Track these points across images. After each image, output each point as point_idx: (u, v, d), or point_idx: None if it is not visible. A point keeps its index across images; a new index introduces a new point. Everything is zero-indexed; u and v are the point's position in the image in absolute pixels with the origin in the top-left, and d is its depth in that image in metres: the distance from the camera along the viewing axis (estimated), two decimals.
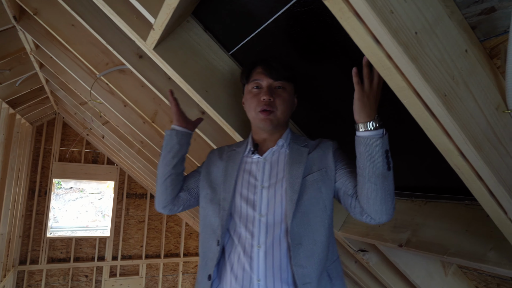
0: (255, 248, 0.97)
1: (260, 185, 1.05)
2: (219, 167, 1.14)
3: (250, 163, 1.11)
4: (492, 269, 0.99)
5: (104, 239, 5.46)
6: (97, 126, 3.75)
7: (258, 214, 1.00)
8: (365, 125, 0.88)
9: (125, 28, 1.20)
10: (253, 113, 1.11)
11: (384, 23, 0.55)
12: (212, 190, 1.11)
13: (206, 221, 1.09)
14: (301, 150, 1.08)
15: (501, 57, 0.71)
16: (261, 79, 1.11)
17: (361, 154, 0.90)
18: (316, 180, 1.02)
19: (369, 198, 0.91)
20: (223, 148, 1.23)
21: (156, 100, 2.12)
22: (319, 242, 0.98)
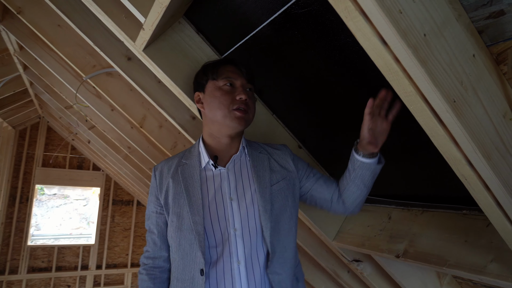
0: (235, 264, 0.94)
1: (229, 198, 0.99)
2: (176, 188, 1.01)
3: (211, 177, 1.02)
4: (494, 281, 0.96)
5: (88, 247, 5.31)
6: (83, 131, 3.65)
7: (233, 229, 0.96)
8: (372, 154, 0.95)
9: (114, 28, 1.15)
10: (225, 111, 1.00)
11: (393, 23, 0.51)
12: (177, 217, 0.99)
13: (180, 251, 0.98)
14: (261, 157, 1.08)
15: (508, 63, 0.68)
16: (234, 77, 1.04)
17: (364, 175, 0.99)
18: (282, 189, 1.04)
19: (361, 202, 1.08)
20: (168, 164, 1.08)
21: (145, 104, 2.06)
22: (289, 249, 1.01)
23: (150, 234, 1.06)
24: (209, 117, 1.06)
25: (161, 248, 1.04)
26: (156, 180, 1.07)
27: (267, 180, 1.03)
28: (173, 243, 1.00)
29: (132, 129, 2.52)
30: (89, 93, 2.33)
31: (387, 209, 1.40)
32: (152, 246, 1.05)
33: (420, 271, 1.53)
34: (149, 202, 1.08)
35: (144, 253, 1.08)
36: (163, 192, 1.04)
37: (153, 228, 1.05)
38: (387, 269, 1.44)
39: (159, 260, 1.05)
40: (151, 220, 1.06)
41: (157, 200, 1.05)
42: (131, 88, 2.02)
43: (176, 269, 0.99)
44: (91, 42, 1.50)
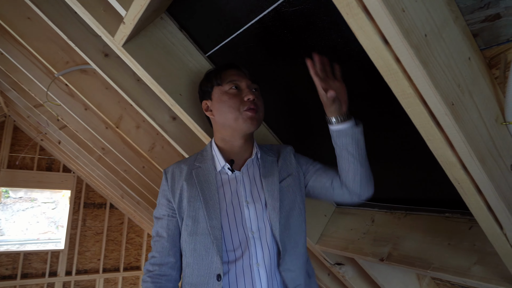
0: (254, 267, 0.93)
1: (245, 201, 0.99)
2: (190, 191, 1.00)
3: (227, 181, 1.02)
4: (478, 284, 0.97)
5: (57, 253, 5.06)
6: (53, 131, 3.48)
7: (250, 232, 0.96)
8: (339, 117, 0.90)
9: (91, 22, 1.08)
10: (235, 114, 1.00)
11: (396, 21, 0.49)
12: (192, 220, 0.97)
13: (195, 256, 0.96)
14: (270, 159, 1.09)
15: (500, 68, 0.68)
16: (239, 79, 1.04)
17: (347, 144, 0.92)
18: (290, 185, 1.05)
19: (362, 179, 0.98)
20: (181, 168, 1.06)
21: (122, 104, 1.98)
22: (300, 245, 1.02)
23: (158, 238, 1.02)
24: (220, 123, 1.06)
25: (169, 253, 1.01)
26: (168, 182, 1.05)
27: (275, 178, 1.03)
28: (187, 248, 0.98)
29: (107, 130, 2.42)
30: (61, 91, 2.21)
31: (371, 212, 1.40)
32: (160, 251, 1.01)
33: (401, 273, 1.54)
34: (159, 205, 1.05)
35: (150, 259, 1.02)
36: (176, 195, 1.01)
37: (163, 231, 1.01)
38: (370, 272, 1.44)
39: (165, 267, 1.00)
40: (160, 223, 1.03)
41: (169, 203, 1.02)
42: (107, 87, 1.93)
43: (190, 274, 0.97)
44: (65, 36, 1.41)
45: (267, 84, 1.19)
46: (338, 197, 1.05)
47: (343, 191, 1.02)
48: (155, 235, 1.03)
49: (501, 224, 0.72)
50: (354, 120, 0.91)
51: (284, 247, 0.96)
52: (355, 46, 0.84)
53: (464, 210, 1.11)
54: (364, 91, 0.95)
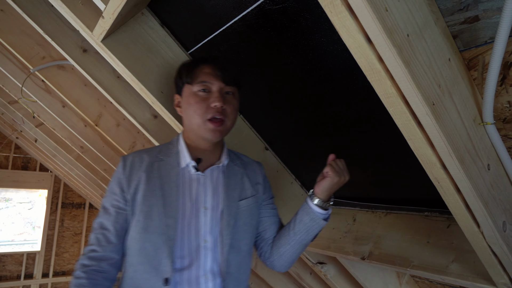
0: (201, 279, 0.88)
1: (203, 206, 0.92)
2: (149, 184, 0.91)
3: (189, 180, 0.94)
4: (455, 281, 0.99)
5: (33, 254, 4.91)
6: (29, 129, 3.37)
7: (203, 241, 0.90)
8: (322, 203, 0.93)
9: (68, 16, 1.04)
10: (199, 121, 0.94)
11: (379, 20, 0.49)
12: (145, 217, 0.88)
13: (142, 255, 0.87)
14: (236, 170, 1.03)
15: (478, 69, 0.70)
16: (210, 81, 0.95)
17: (301, 221, 0.95)
18: (249, 206, 1.00)
19: (283, 256, 1.00)
20: (142, 157, 0.97)
21: (101, 101, 1.93)
22: (244, 270, 0.96)
23: (102, 231, 0.90)
24: (185, 123, 1.00)
25: (113, 249, 0.90)
26: (126, 170, 0.94)
27: (236, 194, 0.98)
28: (134, 246, 0.89)
29: (86, 128, 2.35)
30: (38, 87, 2.14)
31: (352, 211, 1.42)
32: (103, 246, 0.89)
33: (382, 271, 1.57)
34: (110, 194, 0.93)
35: (87, 253, 0.89)
36: (132, 186, 0.91)
37: (109, 225, 0.90)
38: (351, 271, 1.46)
39: (106, 263, 0.89)
40: (108, 215, 0.91)
41: (122, 193, 0.92)
42: (86, 83, 1.88)
43: (132, 276, 0.87)
44: (41, 30, 1.36)
45: (250, 83, 1.18)
46: (262, 251, 1.05)
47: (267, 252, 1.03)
48: (98, 227, 0.91)
49: (478, 222, 0.74)
50: (327, 215, 0.95)
51: (228, 270, 0.91)
52: (339, 45, 0.84)
53: (442, 209, 1.14)
54: (346, 91, 0.95)
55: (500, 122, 0.74)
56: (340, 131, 1.12)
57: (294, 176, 1.49)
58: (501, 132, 0.75)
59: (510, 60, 0.64)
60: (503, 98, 0.70)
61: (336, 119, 1.08)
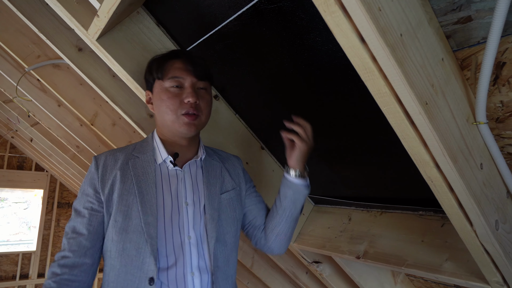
0: (188, 276, 0.85)
1: (184, 202, 0.91)
2: (125, 183, 0.88)
3: (167, 176, 0.93)
4: (449, 280, 1.00)
5: (28, 254, 4.88)
6: (24, 128, 3.35)
7: (187, 237, 0.88)
8: (299, 172, 0.97)
9: (63, 14, 1.04)
10: (172, 116, 0.92)
11: (372, 20, 0.50)
12: (123, 216, 0.85)
13: (123, 256, 0.84)
14: (214, 164, 1.03)
15: (471, 69, 0.70)
16: (182, 76, 0.94)
17: (286, 197, 0.98)
18: (231, 199, 1.00)
19: (279, 235, 1.02)
20: (116, 156, 0.94)
21: (97, 100, 1.92)
22: (231, 264, 0.96)
23: (75, 235, 0.86)
24: (158, 119, 0.99)
25: (86, 253, 0.85)
26: (99, 170, 0.90)
27: (217, 188, 0.97)
28: (113, 248, 0.85)
29: (81, 127, 2.34)
30: (33, 86, 2.13)
31: (347, 210, 1.42)
32: (75, 250, 0.85)
33: (377, 270, 1.57)
34: (83, 195, 0.90)
35: (59, 260, 0.85)
36: (107, 186, 0.88)
37: (82, 228, 0.86)
38: (346, 270, 1.46)
39: (78, 269, 0.84)
40: (80, 219, 0.87)
41: (96, 194, 0.88)
42: (82, 82, 1.87)
43: (115, 279, 0.84)
44: (36, 29, 1.35)
45: (245, 82, 1.18)
46: (257, 239, 1.07)
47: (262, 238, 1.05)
48: (70, 231, 0.87)
49: (471, 221, 0.74)
50: (307, 182, 0.99)
51: (216, 264, 0.89)
52: (334, 45, 0.84)
53: (437, 208, 1.15)
54: (341, 91, 0.96)
55: (493, 121, 0.75)
56: (335, 130, 1.12)
57: None
58: (494, 132, 0.76)
59: (502, 60, 0.65)
60: (495, 97, 0.71)
61: (331, 118, 1.08)
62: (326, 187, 1.42)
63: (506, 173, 0.77)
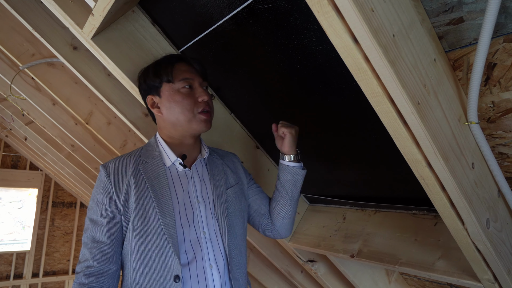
0: (208, 269, 0.90)
1: (196, 200, 0.96)
2: (139, 188, 0.91)
3: (177, 177, 0.97)
4: (441, 278, 1.01)
5: (23, 254, 4.85)
6: (18, 127, 3.32)
7: (202, 232, 0.93)
8: (294, 156, 1.03)
9: (58, 13, 1.03)
10: (189, 116, 0.96)
11: (365, 21, 0.50)
12: (142, 220, 0.88)
13: (146, 258, 0.86)
14: (216, 162, 1.07)
15: (463, 70, 0.71)
16: (192, 77, 0.99)
17: (287, 181, 1.04)
18: (236, 193, 1.05)
19: (285, 218, 1.08)
20: (125, 162, 0.96)
21: (92, 99, 1.91)
22: (243, 253, 1.00)
23: (95, 244, 0.88)
24: (170, 122, 0.99)
25: (110, 260, 0.88)
26: (111, 179, 0.92)
27: (222, 184, 1.02)
28: (135, 251, 0.88)
29: (76, 126, 2.33)
30: (27, 84, 2.11)
31: (342, 209, 1.43)
32: (100, 259, 0.87)
33: (371, 269, 1.58)
34: (98, 204, 0.91)
35: (84, 269, 0.86)
36: (121, 193, 0.90)
37: (102, 237, 0.88)
38: (341, 268, 1.47)
39: (105, 276, 0.87)
40: (99, 228, 0.89)
41: (112, 202, 0.90)
42: (77, 81, 1.86)
43: (139, 280, 0.86)
44: (30, 27, 1.34)
45: (241, 81, 1.18)
46: (264, 226, 1.12)
47: (269, 224, 1.11)
48: (89, 241, 0.89)
49: (463, 219, 0.75)
50: (302, 164, 1.05)
51: (230, 254, 0.94)
52: (328, 45, 0.85)
53: (430, 207, 1.16)
54: (335, 91, 0.96)
55: (484, 121, 0.76)
56: (329, 130, 1.13)
57: None
58: (485, 132, 0.77)
59: (493, 61, 0.66)
60: (487, 98, 0.72)
61: (325, 118, 1.09)
62: (321, 186, 1.43)
63: (497, 172, 0.78)
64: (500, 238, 0.81)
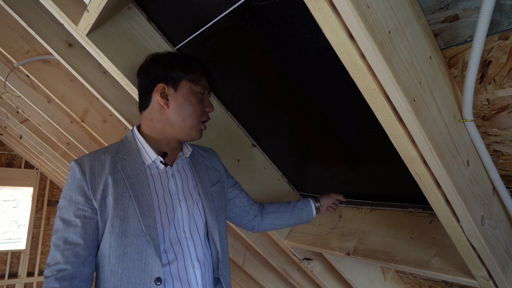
0: (190, 268, 0.89)
1: (177, 198, 0.93)
2: (117, 187, 0.86)
3: (158, 175, 0.93)
4: (436, 275, 1.01)
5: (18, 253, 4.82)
6: (13, 125, 3.30)
7: (182, 231, 0.91)
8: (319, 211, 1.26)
9: (53, 9, 1.02)
10: (195, 121, 0.96)
11: (361, 17, 0.50)
12: (120, 221, 0.84)
13: (125, 261, 0.83)
14: (199, 159, 1.08)
15: (458, 67, 0.71)
16: (207, 87, 1.03)
17: (301, 216, 1.23)
18: (218, 191, 1.06)
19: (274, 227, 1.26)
20: (101, 159, 0.91)
21: (87, 97, 1.90)
22: (226, 249, 1.02)
23: (68, 246, 0.82)
24: (170, 119, 0.95)
25: (85, 262, 0.83)
26: (86, 176, 0.86)
27: (207, 182, 1.02)
28: (112, 253, 0.83)
29: (72, 124, 2.32)
30: (22, 82, 2.10)
31: (338, 207, 1.43)
32: (73, 262, 0.81)
33: (367, 267, 1.59)
34: (72, 203, 0.85)
35: (56, 273, 0.80)
36: (98, 192, 0.85)
37: (77, 237, 0.83)
38: (337, 266, 1.47)
39: (79, 280, 0.82)
40: (73, 227, 0.83)
41: (87, 201, 0.85)
42: (72, 78, 1.85)
43: (118, 283, 0.83)
44: (25, 24, 1.33)
45: (236, 79, 1.18)
46: (246, 222, 1.20)
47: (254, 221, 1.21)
48: (61, 243, 0.83)
49: (458, 217, 0.76)
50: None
51: (217, 251, 0.96)
52: (324, 42, 0.85)
53: (425, 205, 1.16)
54: (332, 89, 0.96)
55: (480, 119, 0.76)
56: (326, 128, 1.13)
57: (281, 173, 1.50)
58: (480, 129, 0.77)
59: (488, 58, 0.66)
60: (482, 95, 0.72)
61: (321, 116, 1.09)
62: (317, 184, 1.43)
63: (492, 170, 0.78)
64: (495, 235, 0.82)
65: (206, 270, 0.93)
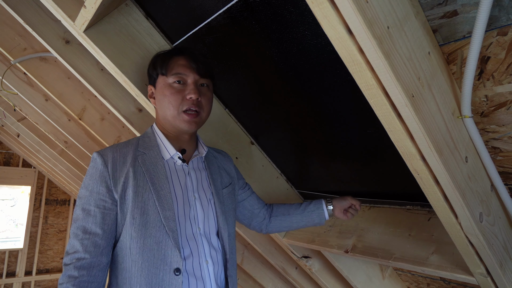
0: (204, 264, 0.91)
1: (192, 195, 0.95)
2: (137, 180, 0.88)
3: (175, 171, 0.95)
4: (435, 272, 1.01)
5: (15, 252, 4.81)
6: (10, 123, 3.29)
7: (197, 228, 0.93)
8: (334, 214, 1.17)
9: (50, 5, 1.02)
10: (174, 112, 0.94)
11: (360, 12, 0.50)
12: (141, 212, 0.86)
13: (145, 251, 0.84)
14: (212, 160, 1.08)
15: (457, 63, 0.71)
16: (186, 73, 0.96)
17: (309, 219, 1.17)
18: (230, 193, 1.07)
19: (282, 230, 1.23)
20: (123, 152, 0.93)
21: (85, 95, 1.89)
22: (234, 250, 1.02)
23: (88, 236, 0.84)
24: (160, 115, 1.00)
25: (103, 252, 0.84)
26: (109, 167, 0.88)
27: (219, 183, 1.03)
28: (134, 244, 0.85)
29: (69, 122, 2.31)
30: (19, 79, 2.08)
31: None
32: (92, 251, 0.83)
33: (365, 265, 1.59)
34: (93, 193, 0.87)
35: (75, 262, 0.82)
36: (119, 183, 0.87)
37: (95, 228, 0.84)
38: (335, 264, 1.47)
39: (97, 269, 0.83)
40: (93, 217, 0.85)
41: (108, 192, 0.87)
42: (69, 76, 1.84)
43: (139, 272, 0.84)
44: (22, 20, 1.32)
45: (235, 76, 1.17)
46: (255, 224, 1.21)
47: (263, 223, 1.20)
48: (80, 232, 0.84)
49: (456, 213, 0.76)
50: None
51: (225, 251, 0.97)
52: (323, 39, 0.85)
53: (423, 203, 1.16)
54: (330, 86, 0.96)
55: (478, 115, 0.76)
56: (324, 125, 1.13)
57: (279, 171, 1.49)
58: (478, 126, 0.77)
59: (487, 54, 0.66)
60: (480, 92, 0.72)
61: (319, 112, 1.09)
62: (315, 182, 1.43)
63: (490, 166, 0.78)
64: (493, 231, 0.82)
65: (218, 267, 0.94)
